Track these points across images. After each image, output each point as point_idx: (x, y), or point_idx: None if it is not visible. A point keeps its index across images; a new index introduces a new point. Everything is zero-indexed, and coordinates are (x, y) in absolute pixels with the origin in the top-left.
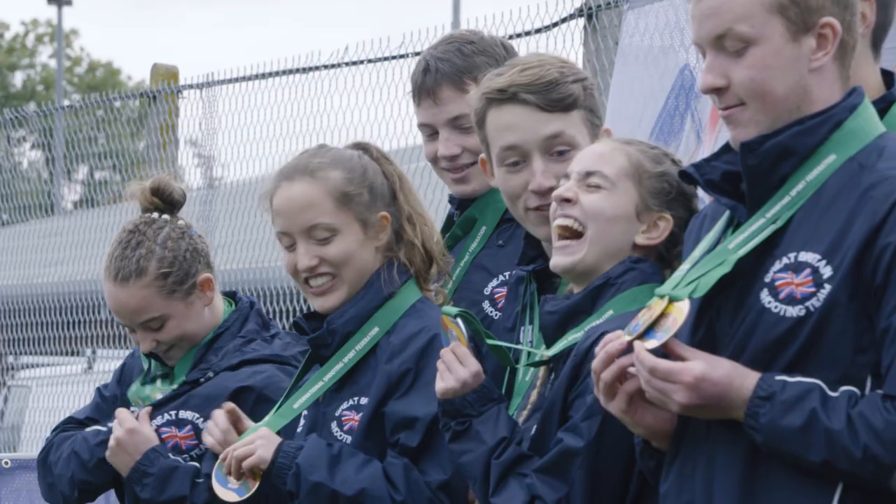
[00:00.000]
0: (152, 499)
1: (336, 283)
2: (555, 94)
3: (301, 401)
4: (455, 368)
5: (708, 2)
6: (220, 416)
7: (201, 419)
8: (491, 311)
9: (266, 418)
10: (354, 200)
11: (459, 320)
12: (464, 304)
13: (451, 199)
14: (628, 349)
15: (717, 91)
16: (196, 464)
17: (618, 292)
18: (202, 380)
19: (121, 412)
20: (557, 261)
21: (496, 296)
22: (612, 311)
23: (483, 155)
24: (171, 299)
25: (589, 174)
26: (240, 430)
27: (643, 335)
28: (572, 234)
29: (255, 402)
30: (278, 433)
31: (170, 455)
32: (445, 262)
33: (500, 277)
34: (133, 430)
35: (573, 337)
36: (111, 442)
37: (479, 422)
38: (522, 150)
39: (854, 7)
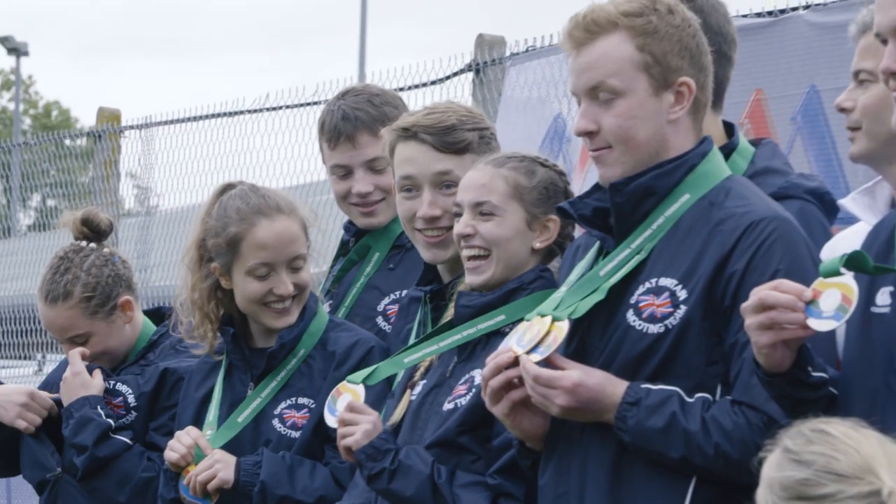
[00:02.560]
0: (68, 438)
1: (295, 304)
2: (449, 137)
3: (244, 415)
4: (360, 419)
5: (585, 58)
6: (183, 436)
7: (131, 392)
8: (384, 326)
9: (210, 433)
10: (307, 234)
11: (361, 387)
12: (359, 320)
13: (347, 228)
14: (515, 362)
15: (588, 134)
16: (111, 421)
17: (527, 295)
18: (137, 374)
19: (73, 353)
20: (471, 279)
21: (388, 312)
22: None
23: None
24: (93, 319)
25: (479, 204)
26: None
27: (529, 351)
28: (479, 256)
29: (175, 382)
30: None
31: (98, 408)
32: None
33: (392, 296)
34: (77, 373)
35: (485, 325)
36: (62, 381)
37: (405, 456)
38: (416, 181)
39: (707, 70)
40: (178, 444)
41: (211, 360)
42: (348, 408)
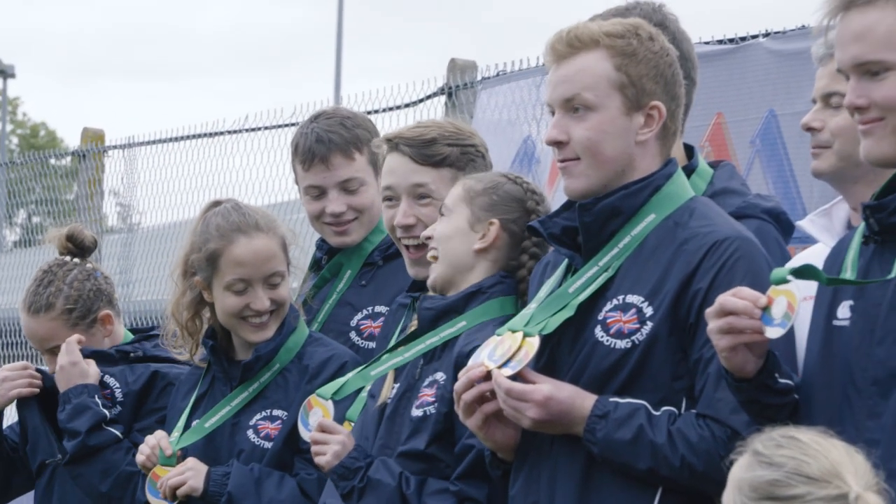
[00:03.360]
0: (63, 422)
1: (272, 319)
2: (427, 150)
3: (212, 420)
4: (330, 439)
5: (563, 70)
6: (150, 438)
7: (119, 387)
8: (357, 340)
9: (177, 435)
10: (287, 252)
11: (330, 402)
12: (332, 335)
13: (320, 246)
14: (487, 376)
15: (558, 144)
16: (106, 413)
17: (487, 299)
18: (132, 354)
19: (69, 342)
20: (429, 280)
21: (361, 327)
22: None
23: None
24: (74, 330)
25: (441, 209)
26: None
27: (501, 365)
28: (437, 256)
29: (164, 387)
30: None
31: (95, 397)
32: None
33: (364, 311)
34: (74, 362)
35: (447, 332)
36: (57, 366)
37: (374, 471)
38: (395, 191)
39: (680, 100)
40: (145, 447)
41: (199, 371)
42: (318, 427)
